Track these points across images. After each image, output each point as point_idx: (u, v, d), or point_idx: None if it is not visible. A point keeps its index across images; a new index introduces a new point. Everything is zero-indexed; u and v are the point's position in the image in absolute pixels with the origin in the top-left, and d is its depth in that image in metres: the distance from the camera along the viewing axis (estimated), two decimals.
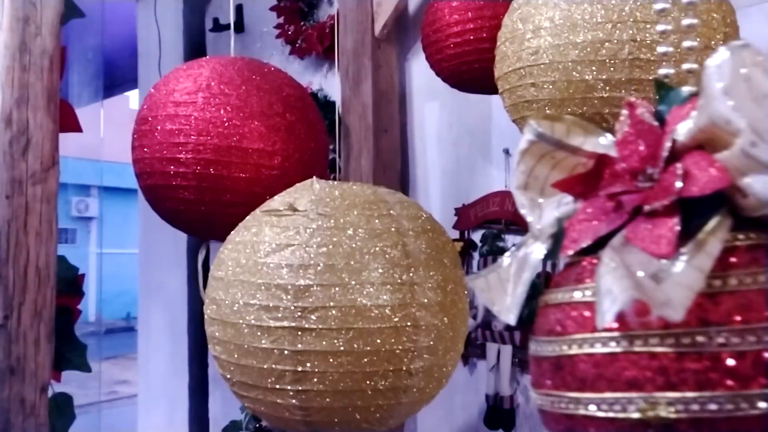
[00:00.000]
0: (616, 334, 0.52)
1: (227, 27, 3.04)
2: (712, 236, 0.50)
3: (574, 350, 0.55)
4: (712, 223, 0.51)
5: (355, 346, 1.02)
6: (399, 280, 1.05)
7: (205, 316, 1.16)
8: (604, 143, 0.60)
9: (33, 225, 1.55)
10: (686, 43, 1.14)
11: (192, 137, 1.46)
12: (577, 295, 0.57)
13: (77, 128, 1.75)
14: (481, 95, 1.91)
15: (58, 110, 1.61)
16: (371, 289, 1.03)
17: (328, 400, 1.04)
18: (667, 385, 0.50)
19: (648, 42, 1.26)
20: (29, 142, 1.54)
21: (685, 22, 0.69)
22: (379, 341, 1.03)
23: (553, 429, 0.58)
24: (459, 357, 1.18)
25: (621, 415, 0.52)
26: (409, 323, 1.04)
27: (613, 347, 0.53)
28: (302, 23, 2.65)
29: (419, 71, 2.38)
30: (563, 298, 0.58)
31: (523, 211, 0.63)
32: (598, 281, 0.51)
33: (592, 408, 0.53)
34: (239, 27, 3.03)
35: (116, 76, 3.86)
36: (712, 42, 1.29)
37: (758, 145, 0.49)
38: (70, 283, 1.82)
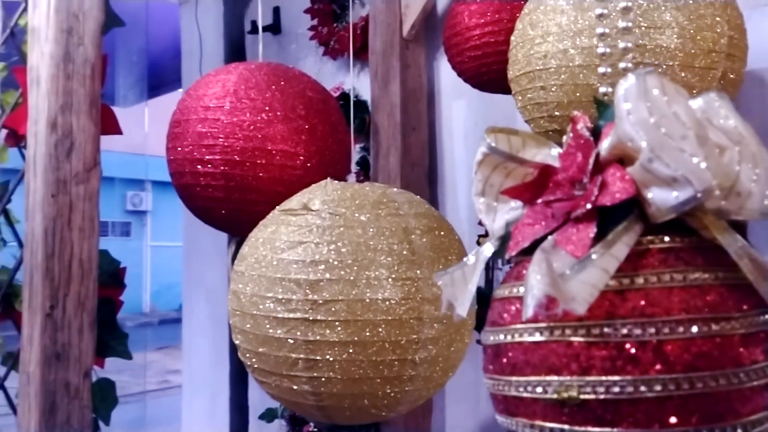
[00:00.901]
0: (540, 325, 0.59)
1: (265, 29, 3.15)
2: (619, 240, 0.56)
3: (508, 339, 0.62)
4: (619, 228, 0.57)
5: (362, 336, 1.10)
6: (404, 276, 1.12)
7: (228, 308, 1.25)
8: (554, 154, 0.66)
9: (76, 222, 1.66)
10: (621, 44, 1.19)
11: (220, 139, 1.55)
12: (515, 291, 0.63)
13: (118, 131, 1.86)
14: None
15: (99, 114, 1.72)
16: (378, 284, 1.11)
17: (338, 386, 1.12)
18: (578, 370, 0.56)
19: (649, 47, 1.30)
20: (73, 145, 1.65)
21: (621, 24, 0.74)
22: (384, 332, 1.10)
23: (497, 410, 0.65)
24: (466, 349, 1.24)
25: (542, 396, 0.58)
26: (413, 316, 1.11)
27: (537, 337, 0.59)
28: (335, 25, 2.72)
29: (447, 70, 2.43)
30: (504, 294, 0.65)
31: (480, 215, 0.70)
32: (526, 279, 0.57)
33: (521, 390, 0.60)
34: (276, 29, 3.13)
35: (161, 77, 4.02)
36: (716, 46, 1.32)
37: (655, 161, 0.55)
38: (113, 276, 1.94)
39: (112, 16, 1.85)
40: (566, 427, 0.57)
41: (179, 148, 1.61)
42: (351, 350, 1.10)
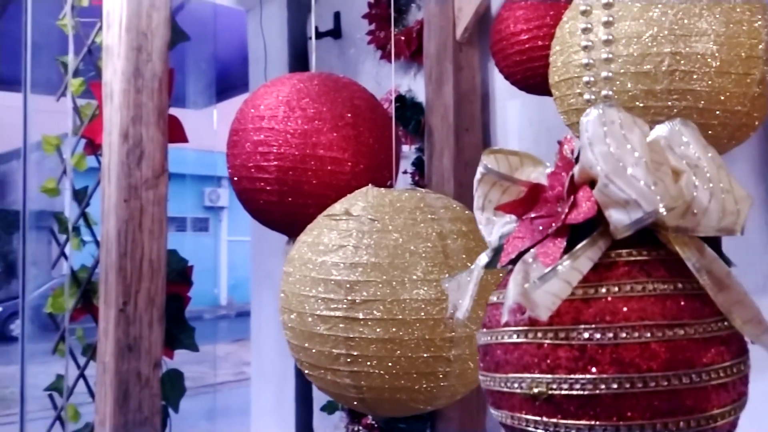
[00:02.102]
0: (517, 328, 0.65)
1: (326, 34, 3.26)
2: (583, 255, 0.62)
3: (493, 340, 0.69)
4: (584, 243, 0.62)
5: (398, 334, 1.17)
6: (438, 277, 1.18)
7: (279, 305, 1.35)
8: (546, 173, 0.72)
9: (146, 224, 1.80)
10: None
11: (274, 147, 1.65)
12: (500, 297, 0.69)
13: (184, 139, 1.99)
14: None
15: (167, 125, 1.85)
16: (413, 285, 1.18)
17: (377, 380, 1.20)
18: (547, 369, 0.63)
19: (685, 54, 1.32)
20: (143, 154, 1.79)
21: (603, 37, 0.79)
22: (419, 331, 1.17)
23: (489, 403, 0.72)
24: None
25: (517, 391, 0.65)
26: (447, 315, 1.18)
27: (515, 339, 0.65)
28: (392, 29, 2.80)
29: None
30: (493, 300, 0.72)
31: (480, 227, 0.76)
32: (507, 287, 0.63)
33: (502, 385, 0.67)
34: (337, 34, 3.23)
35: (230, 81, 4.19)
36: (753, 51, 1.33)
37: (610, 186, 0.60)
38: (181, 273, 2.08)
39: (178, 31, 1.98)
40: (538, 418, 0.64)
41: (237, 155, 1.72)
42: (388, 347, 1.17)
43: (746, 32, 1.31)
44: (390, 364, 1.18)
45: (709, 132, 1.39)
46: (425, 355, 1.18)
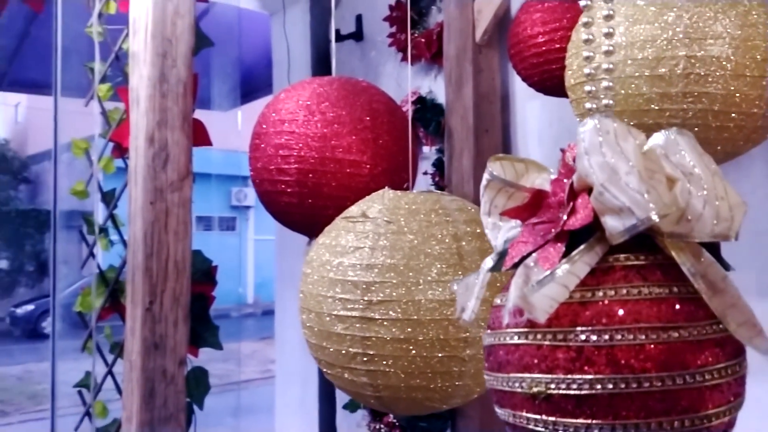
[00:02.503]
0: (519, 329, 0.67)
1: (348, 37, 3.29)
2: (580, 260, 0.64)
3: (497, 341, 0.71)
4: (581, 249, 0.65)
5: (413, 334, 1.20)
6: (452, 279, 1.21)
7: (298, 305, 1.38)
8: (550, 179, 0.74)
9: (172, 226, 1.85)
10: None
11: (294, 150, 1.69)
12: (503, 300, 0.72)
13: (208, 142, 2.04)
14: None
15: (191, 129, 1.90)
16: (427, 286, 1.21)
17: (393, 379, 1.23)
18: (546, 369, 0.65)
19: (700, 57, 1.33)
20: (168, 157, 1.84)
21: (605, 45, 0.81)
22: (433, 331, 1.20)
23: (493, 402, 0.74)
24: None
25: (518, 391, 0.67)
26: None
27: (516, 340, 0.68)
28: (413, 31, 2.82)
29: None
30: (497, 302, 0.74)
31: (486, 231, 0.79)
32: (509, 290, 0.66)
33: (504, 384, 0.69)
34: (359, 36, 3.26)
35: (254, 83, 4.25)
36: None
37: (605, 194, 0.63)
38: (205, 273, 2.12)
39: (202, 37, 2.03)
40: (537, 417, 0.66)
41: (259, 158, 1.76)
42: (403, 346, 1.20)
43: (761, 35, 1.32)
44: (405, 363, 1.21)
45: (725, 134, 1.40)
46: (440, 355, 1.21)
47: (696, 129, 1.35)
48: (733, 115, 1.36)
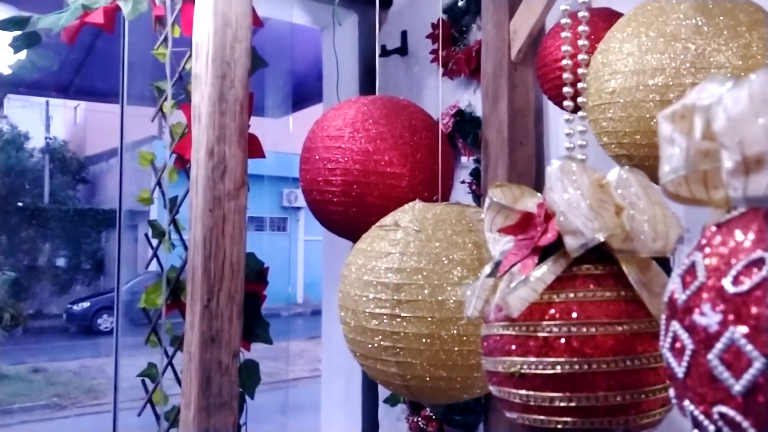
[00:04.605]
0: (502, 323, 0.84)
1: (393, 52, 3.47)
2: (547, 269, 0.80)
3: (488, 332, 0.88)
4: (549, 260, 0.81)
5: (437, 330, 1.36)
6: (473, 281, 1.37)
7: (338, 303, 1.56)
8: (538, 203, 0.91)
9: (228, 231, 2.05)
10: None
11: (340, 164, 1.87)
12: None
13: (261, 155, 2.23)
14: None
15: (246, 143, 2.10)
16: (451, 288, 1.37)
17: (419, 370, 1.39)
18: (521, 354, 0.82)
19: None
20: (226, 169, 2.04)
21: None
22: (455, 328, 1.36)
23: (488, 380, 0.91)
24: None
25: (501, 370, 0.84)
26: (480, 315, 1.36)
27: (500, 331, 0.84)
28: (453, 48, 2.98)
29: None
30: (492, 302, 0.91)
31: (489, 245, 0.95)
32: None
33: (492, 366, 0.86)
34: (404, 51, 3.44)
35: (305, 93, 4.48)
36: None
37: (563, 219, 0.79)
38: (258, 274, 2.32)
39: (257, 59, 2.22)
40: (515, 391, 0.83)
41: (308, 170, 1.95)
42: (428, 341, 1.37)
43: (760, 65, 1.44)
44: (430, 356, 1.37)
45: None
46: (460, 349, 1.37)
47: None
48: None
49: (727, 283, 0.46)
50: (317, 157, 1.93)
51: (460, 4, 2.98)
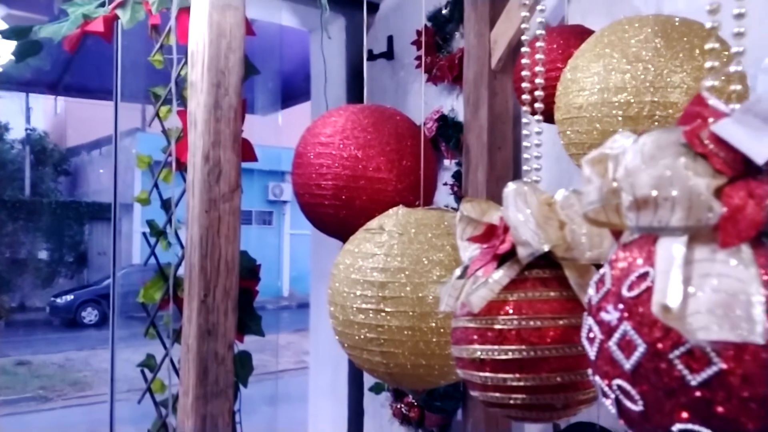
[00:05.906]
0: (467, 317, 0.99)
1: (380, 56, 3.61)
2: (503, 273, 0.95)
3: (456, 324, 1.03)
4: (504, 266, 0.96)
5: (418, 324, 1.51)
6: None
7: (327, 299, 1.70)
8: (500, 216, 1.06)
9: (223, 231, 2.18)
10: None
11: (331, 169, 2.01)
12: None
13: (254, 158, 2.37)
14: None
15: (240, 148, 2.23)
16: (430, 286, 1.51)
17: (401, 359, 1.54)
18: (480, 342, 0.97)
19: (662, 102, 1.61)
20: (221, 173, 2.17)
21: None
22: (434, 321, 1.51)
23: (455, 364, 1.06)
24: None
25: (464, 356, 0.99)
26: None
27: (465, 323, 1.00)
28: (437, 55, 3.12)
29: None
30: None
31: (460, 251, 1.10)
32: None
33: (459, 353, 1.01)
34: (390, 55, 3.57)
35: (293, 91, 4.61)
36: None
37: (514, 231, 0.94)
38: (251, 271, 2.46)
39: (250, 66, 2.35)
40: (477, 373, 0.99)
41: (301, 175, 2.09)
42: (409, 333, 1.51)
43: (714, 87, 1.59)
44: (411, 346, 1.52)
45: None
46: (438, 340, 1.51)
47: None
48: None
49: (624, 289, 0.62)
50: (309, 163, 2.06)
51: (443, 12, 3.12)
